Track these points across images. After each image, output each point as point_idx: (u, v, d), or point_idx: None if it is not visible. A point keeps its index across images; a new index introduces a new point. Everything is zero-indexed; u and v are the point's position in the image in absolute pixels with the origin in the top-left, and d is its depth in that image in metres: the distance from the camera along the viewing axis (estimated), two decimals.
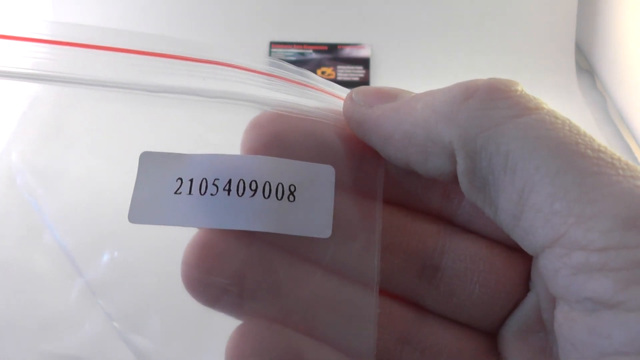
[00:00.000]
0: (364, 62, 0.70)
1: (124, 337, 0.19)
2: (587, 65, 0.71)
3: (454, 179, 0.16)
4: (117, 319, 0.19)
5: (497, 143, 0.14)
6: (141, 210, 0.18)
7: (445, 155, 0.15)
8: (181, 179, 0.19)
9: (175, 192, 0.19)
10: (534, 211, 0.14)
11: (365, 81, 0.68)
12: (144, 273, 0.20)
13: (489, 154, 0.15)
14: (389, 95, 0.17)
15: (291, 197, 0.19)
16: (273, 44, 0.70)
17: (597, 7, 0.69)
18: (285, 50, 0.70)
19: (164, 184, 0.19)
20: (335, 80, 0.69)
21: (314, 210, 0.18)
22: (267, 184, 0.18)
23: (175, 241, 0.18)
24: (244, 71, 0.20)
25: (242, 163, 0.19)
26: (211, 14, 0.71)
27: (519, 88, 0.16)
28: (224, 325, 0.17)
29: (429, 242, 0.18)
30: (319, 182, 0.19)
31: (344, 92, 0.20)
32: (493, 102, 0.15)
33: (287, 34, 0.71)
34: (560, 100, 0.66)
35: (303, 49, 0.70)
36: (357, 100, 0.18)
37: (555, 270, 0.14)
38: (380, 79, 0.69)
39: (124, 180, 0.19)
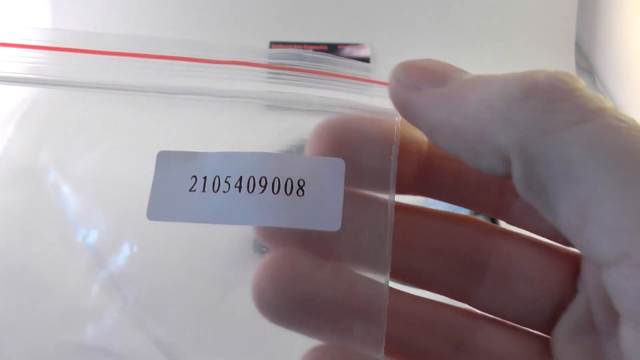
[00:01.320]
0: (364, 62, 0.70)
1: (144, 327, 0.20)
2: (587, 65, 0.71)
3: (508, 177, 0.15)
4: (137, 309, 0.20)
5: (558, 150, 0.13)
6: (158, 208, 0.19)
7: (499, 156, 0.14)
8: (195, 177, 0.20)
9: (190, 190, 0.20)
10: (599, 225, 0.13)
11: None
12: (162, 266, 0.21)
13: (548, 161, 0.14)
14: (437, 76, 0.16)
15: (300, 192, 0.19)
16: (273, 44, 0.70)
17: (597, 7, 0.69)
18: (285, 50, 0.70)
19: (180, 182, 0.20)
20: None
21: (323, 204, 0.19)
22: (277, 179, 0.19)
23: (193, 235, 0.20)
24: (252, 67, 0.20)
25: (252, 160, 0.19)
26: (211, 14, 0.71)
27: (580, 86, 0.14)
28: (235, 315, 0.19)
29: (475, 240, 0.18)
30: (329, 175, 0.19)
31: (363, 70, 0.20)
32: (554, 103, 0.14)
33: (287, 34, 0.71)
34: None
35: (303, 49, 0.70)
36: (402, 80, 0.16)
37: (622, 290, 0.13)
38: (380, 79, 0.69)
39: (142, 178, 0.19)
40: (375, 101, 0.21)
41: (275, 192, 0.19)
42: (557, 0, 0.70)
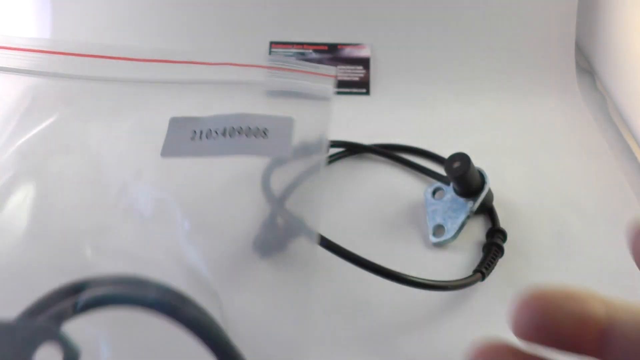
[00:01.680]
0: (364, 62, 0.70)
1: (157, 238, 0.29)
2: (587, 65, 0.71)
3: None
4: (153, 224, 0.30)
5: None
6: (169, 150, 0.31)
7: None
8: (194, 131, 0.31)
9: (191, 139, 0.30)
10: None
11: (365, 81, 0.68)
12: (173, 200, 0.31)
13: None
14: None
15: (264, 135, 0.31)
16: (273, 44, 0.70)
17: (597, 7, 0.69)
18: (285, 50, 0.70)
19: (184, 135, 0.31)
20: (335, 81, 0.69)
21: (279, 142, 0.31)
22: (248, 127, 0.31)
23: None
24: (242, 67, 0.31)
25: (231, 118, 0.31)
26: (211, 14, 0.71)
27: None
28: None
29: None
30: (283, 126, 0.31)
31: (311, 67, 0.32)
32: None
33: (287, 34, 0.71)
34: (560, 100, 0.66)
35: (303, 48, 0.70)
36: None
37: None
38: (380, 79, 0.69)
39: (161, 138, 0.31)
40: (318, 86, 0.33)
41: (247, 135, 0.30)
42: (557, 0, 0.70)
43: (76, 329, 0.21)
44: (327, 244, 0.38)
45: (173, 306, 0.24)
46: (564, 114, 0.64)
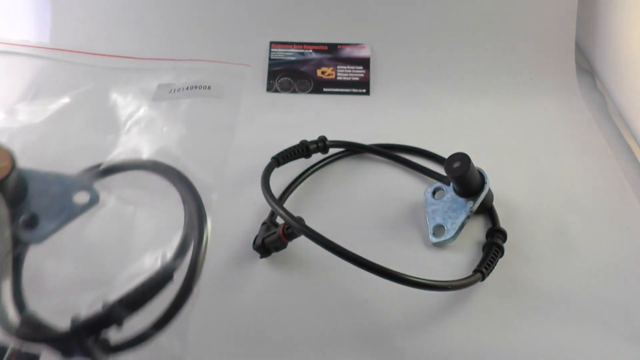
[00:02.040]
0: (364, 62, 0.70)
1: None
2: (587, 65, 0.71)
3: None
4: None
5: None
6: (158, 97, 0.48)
7: None
8: (171, 90, 0.48)
9: (169, 92, 0.49)
10: None
11: (365, 81, 0.68)
12: None
13: None
14: None
15: (209, 88, 0.49)
16: (273, 44, 0.70)
17: (597, 7, 0.69)
18: (285, 50, 0.70)
19: (165, 91, 0.49)
20: (335, 80, 0.69)
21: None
22: (200, 85, 0.50)
23: None
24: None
25: (191, 82, 0.50)
26: (211, 14, 0.71)
27: None
28: None
29: None
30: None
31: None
32: None
33: (287, 33, 0.71)
34: (561, 101, 0.66)
35: (303, 48, 0.70)
36: None
37: None
38: (380, 79, 0.69)
39: None
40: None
41: (198, 88, 0.49)
42: (557, 0, 0.70)
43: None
44: (328, 245, 0.38)
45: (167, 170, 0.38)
46: (564, 114, 0.64)
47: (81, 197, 0.34)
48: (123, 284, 0.31)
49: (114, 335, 0.31)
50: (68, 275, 0.32)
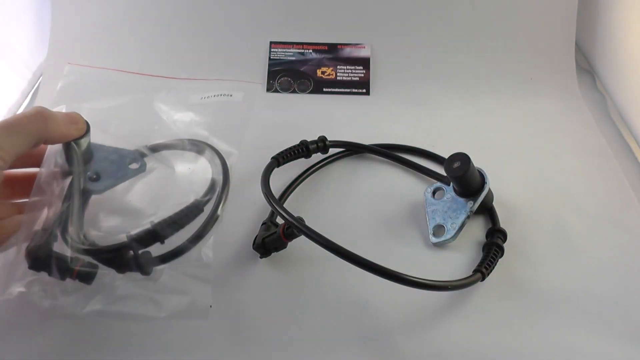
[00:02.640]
0: (364, 62, 0.70)
1: None
2: (587, 65, 0.71)
3: None
4: None
5: None
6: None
7: None
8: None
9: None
10: None
11: (365, 81, 0.68)
12: None
13: None
14: None
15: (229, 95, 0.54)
16: (273, 44, 0.70)
17: (597, 7, 0.69)
18: (285, 50, 0.70)
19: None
20: (335, 80, 0.69)
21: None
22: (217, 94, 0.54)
23: None
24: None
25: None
26: (211, 14, 0.71)
27: None
28: None
29: None
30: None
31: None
32: None
33: (287, 33, 0.71)
34: (561, 100, 0.66)
35: (303, 48, 0.70)
36: None
37: None
38: (381, 79, 0.69)
39: None
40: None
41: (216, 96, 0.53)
42: (557, 0, 0.70)
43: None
44: (328, 245, 0.38)
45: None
46: (564, 114, 0.64)
47: (133, 165, 0.44)
48: (167, 212, 0.41)
49: (158, 250, 0.40)
50: (121, 215, 0.44)
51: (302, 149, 0.54)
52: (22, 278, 0.39)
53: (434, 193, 0.52)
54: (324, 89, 0.68)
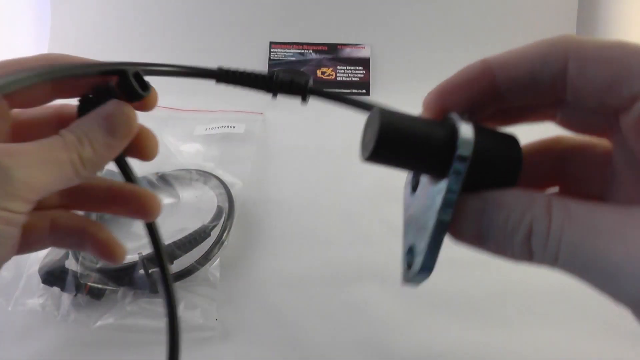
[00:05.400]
0: (364, 62, 0.70)
1: None
2: None
3: None
4: None
5: None
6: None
7: None
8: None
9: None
10: None
11: (365, 81, 0.68)
12: None
13: None
14: None
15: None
16: (273, 44, 0.70)
17: (597, 7, 0.69)
18: (285, 50, 0.70)
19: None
20: (335, 81, 0.69)
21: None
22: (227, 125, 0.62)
23: None
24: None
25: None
26: (211, 14, 0.71)
27: None
28: None
29: None
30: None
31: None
32: None
33: (287, 34, 0.71)
34: None
35: (303, 49, 0.70)
36: None
37: None
38: (380, 79, 0.69)
39: None
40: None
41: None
42: (557, 0, 0.70)
43: None
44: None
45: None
46: None
47: None
48: (175, 236, 0.44)
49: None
50: (132, 236, 0.47)
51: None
52: (35, 291, 0.42)
53: (414, 188, 0.25)
54: (324, 90, 0.68)
